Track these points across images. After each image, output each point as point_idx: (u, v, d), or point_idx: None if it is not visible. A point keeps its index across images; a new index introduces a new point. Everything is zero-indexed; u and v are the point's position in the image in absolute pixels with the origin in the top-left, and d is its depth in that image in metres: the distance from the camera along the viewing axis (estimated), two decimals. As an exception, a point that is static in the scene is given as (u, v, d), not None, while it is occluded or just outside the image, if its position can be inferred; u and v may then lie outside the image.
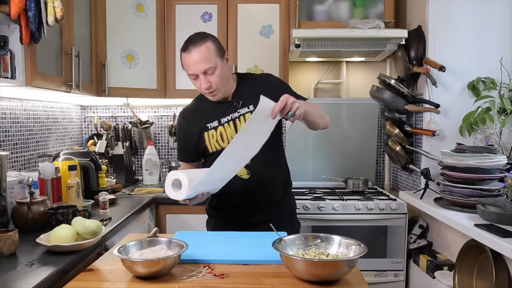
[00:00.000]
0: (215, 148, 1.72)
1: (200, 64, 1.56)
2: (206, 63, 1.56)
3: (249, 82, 1.75)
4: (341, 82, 3.12)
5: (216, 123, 1.71)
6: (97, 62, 2.45)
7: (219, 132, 1.71)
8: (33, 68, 1.73)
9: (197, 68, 1.57)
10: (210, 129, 1.72)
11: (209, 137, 1.72)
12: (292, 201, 1.91)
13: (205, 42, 1.57)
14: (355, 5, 2.74)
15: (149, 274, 1.14)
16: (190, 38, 1.61)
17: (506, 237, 1.53)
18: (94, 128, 3.05)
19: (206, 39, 1.59)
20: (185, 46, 1.59)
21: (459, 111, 2.31)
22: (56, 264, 1.28)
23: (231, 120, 1.70)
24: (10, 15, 1.55)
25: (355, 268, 1.19)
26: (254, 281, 1.17)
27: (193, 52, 1.56)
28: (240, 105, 1.70)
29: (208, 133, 1.72)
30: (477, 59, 2.33)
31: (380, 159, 3.11)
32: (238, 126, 1.69)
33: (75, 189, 1.84)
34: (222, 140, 1.71)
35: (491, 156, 1.93)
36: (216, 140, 1.71)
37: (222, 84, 1.63)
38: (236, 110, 1.70)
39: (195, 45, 1.56)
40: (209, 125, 1.72)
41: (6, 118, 2.11)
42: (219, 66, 1.59)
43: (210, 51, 1.57)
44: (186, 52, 1.58)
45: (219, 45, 1.63)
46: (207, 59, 1.56)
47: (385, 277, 2.49)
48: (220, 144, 1.71)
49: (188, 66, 1.59)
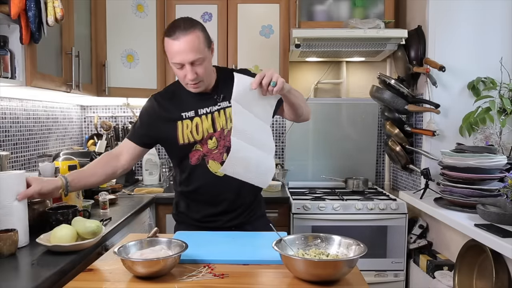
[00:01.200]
0: (187, 140, 1.61)
1: (189, 54, 1.46)
2: (195, 53, 1.47)
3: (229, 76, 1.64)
4: (341, 82, 3.12)
5: (193, 113, 1.61)
6: (97, 62, 2.45)
7: (194, 123, 1.61)
8: (33, 68, 1.73)
9: (185, 57, 1.47)
10: (185, 118, 1.61)
11: (182, 127, 1.61)
12: (262, 203, 1.81)
13: (195, 30, 1.47)
14: (355, 5, 2.74)
15: (149, 274, 1.14)
16: (177, 23, 1.49)
17: (506, 237, 1.53)
18: (94, 128, 3.05)
19: (196, 26, 1.49)
20: (172, 32, 1.47)
21: (459, 111, 2.31)
22: (56, 264, 1.28)
23: (209, 113, 1.61)
24: (10, 15, 1.55)
25: (355, 268, 1.19)
26: (254, 281, 1.17)
27: (181, 39, 1.45)
28: (221, 99, 1.62)
29: (182, 123, 1.61)
30: (477, 59, 2.34)
31: (380, 159, 3.11)
32: (216, 120, 1.61)
33: (75, 189, 1.84)
34: (196, 132, 1.61)
35: (491, 156, 1.93)
36: (190, 131, 1.61)
37: (207, 76, 1.56)
38: (216, 103, 1.62)
39: (184, 32, 1.45)
40: (184, 114, 1.62)
41: (6, 118, 2.11)
42: (206, 57, 1.52)
43: (199, 40, 1.48)
44: (172, 38, 1.46)
45: (207, 34, 1.54)
46: (196, 49, 1.47)
47: (385, 277, 2.49)
48: (194, 136, 1.61)
49: (174, 53, 1.47)
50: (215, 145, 1.61)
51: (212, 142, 1.61)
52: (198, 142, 1.61)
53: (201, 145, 1.62)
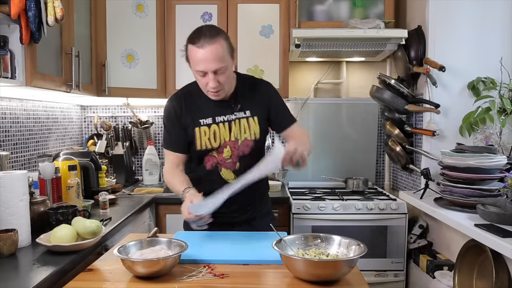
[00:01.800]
0: (205, 146, 1.65)
1: (213, 62, 1.47)
2: (219, 62, 1.48)
3: (249, 86, 1.70)
4: (341, 82, 3.12)
5: (210, 120, 1.64)
6: (97, 62, 2.45)
7: (212, 130, 1.64)
8: (33, 68, 1.73)
9: (209, 66, 1.48)
10: (203, 125, 1.64)
11: (200, 134, 1.64)
12: (269, 200, 1.88)
13: (219, 39, 1.48)
14: (355, 5, 2.74)
15: (149, 274, 1.14)
16: (202, 30, 1.49)
17: (506, 237, 1.53)
18: (94, 128, 3.05)
19: (220, 35, 1.50)
20: (197, 39, 1.47)
21: (459, 111, 2.31)
22: (56, 264, 1.28)
23: (226, 121, 1.64)
24: (10, 15, 1.55)
25: (355, 268, 1.19)
26: (254, 281, 1.17)
27: (206, 48, 1.46)
28: (238, 108, 1.65)
29: (200, 129, 1.64)
30: (477, 59, 2.34)
31: (380, 159, 3.11)
32: (233, 129, 1.64)
33: (75, 189, 1.84)
34: (214, 140, 1.64)
35: (491, 156, 1.93)
36: (208, 138, 1.64)
37: (228, 85, 1.58)
38: (233, 112, 1.65)
39: (209, 41, 1.46)
40: (202, 121, 1.64)
41: (6, 118, 2.11)
42: (229, 65, 1.53)
43: (223, 49, 1.49)
44: (197, 45, 1.47)
45: (230, 42, 1.55)
46: (220, 58, 1.48)
47: (385, 277, 2.49)
48: (212, 143, 1.64)
49: (198, 61, 1.49)
50: (229, 155, 1.66)
51: (226, 151, 1.65)
52: (214, 149, 1.65)
53: (217, 153, 1.66)
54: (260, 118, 1.67)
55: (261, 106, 1.68)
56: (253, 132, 1.66)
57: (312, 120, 3.04)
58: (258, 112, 1.67)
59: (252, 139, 1.66)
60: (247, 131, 1.66)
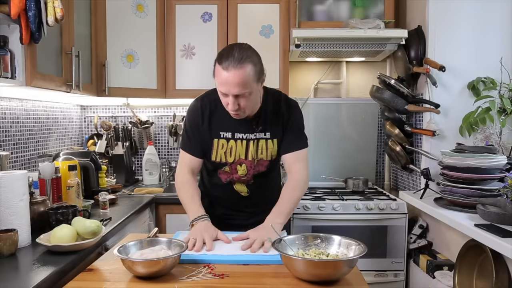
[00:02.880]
0: (219, 159, 1.65)
1: (236, 87, 1.43)
2: (242, 88, 1.44)
3: (273, 107, 1.65)
4: (341, 82, 3.12)
5: (230, 135, 1.63)
6: (97, 62, 2.45)
7: (230, 145, 1.63)
8: (33, 68, 1.73)
9: (231, 89, 1.44)
10: (222, 138, 1.63)
11: (218, 146, 1.64)
12: None
13: (247, 64, 1.43)
14: (355, 5, 2.74)
15: (149, 274, 1.14)
16: (232, 52, 1.44)
17: (506, 237, 1.53)
18: (94, 128, 3.05)
19: (250, 60, 1.44)
20: (225, 59, 1.43)
21: (459, 111, 2.31)
22: (56, 264, 1.28)
23: (245, 140, 1.63)
24: (10, 15, 1.55)
25: (355, 268, 1.19)
26: (254, 281, 1.17)
27: (231, 72, 1.42)
28: (259, 129, 1.63)
29: (219, 142, 1.63)
30: (477, 59, 2.33)
31: (380, 159, 3.11)
32: (250, 148, 1.63)
33: (75, 189, 1.84)
34: (230, 155, 1.64)
35: (491, 156, 1.93)
36: (224, 151, 1.63)
37: (250, 109, 1.55)
38: (253, 132, 1.63)
39: (236, 66, 1.41)
40: (222, 133, 1.63)
41: (6, 118, 2.11)
42: (254, 91, 1.49)
43: (249, 76, 1.44)
44: (223, 67, 1.43)
45: (259, 67, 1.49)
46: (244, 84, 1.44)
47: (385, 277, 2.49)
48: (227, 158, 1.64)
49: (221, 83, 1.46)
50: (244, 173, 1.66)
51: (241, 169, 1.66)
52: (228, 164, 1.65)
53: (230, 168, 1.66)
54: (279, 140, 1.66)
55: (280, 127, 1.66)
56: (270, 154, 1.66)
57: (312, 120, 3.04)
58: (277, 135, 1.65)
59: (269, 159, 1.67)
60: (264, 152, 1.65)
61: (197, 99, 1.70)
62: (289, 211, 1.58)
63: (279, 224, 1.48)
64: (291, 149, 1.65)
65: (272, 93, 1.68)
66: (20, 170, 1.55)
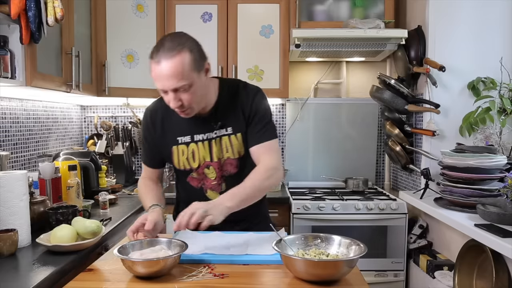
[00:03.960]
0: (183, 166, 1.52)
1: (171, 80, 1.28)
2: (177, 80, 1.29)
3: (230, 98, 1.49)
4: (341, 82, 3.12)
5: (189, 138, 1.49)
6: (97, 62, 2.45)
7: (191, 150, 1.49)
8: (33, 68, 1.73)
9: (166, 84, 1.30)
10: (181, 143, 1.50)
11: (178, 153, 1.51)
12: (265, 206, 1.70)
13: (180, 53, 1.28)
14: (355, 5, 2.74)
15: (149, 274, 1.14)
16: (163, 43, 1.30)
17: (506, 237, 1.53)
18: (94, 128, 3.05)
19: (182, 47, 1.29)
20: (155, 52, 1.30)
21: (459, 111, 2.31)
22: (56, 264, 1.28)
23: (206, 140, 1.48)
24: (10, 15, 1.55)
25: (355, 268, 1.19)
26: (254, 281, 1.16)
27: (163, 63, 1.27)
28: (219, 126, 1.48)
29: (178, 148, 1.50)
30: (477, 59, 2.34)
31: (380, 159, 3.11)
32: (213, 148, 1.48)
33: (75, 189, 1.84)
34: (193, 160, 1.50)
35: (491, 156, 1.93)
36: (186, 157, 1.50)
37: (197, 102, 1.38)
38: (213, 130, 1.48)
39: (167, 55, 1.27)
40: (180, 139, 1.50)
41: (6, 118, 2.11)
42: (194, 82, 1.32)
43: (184, 65, 1.28)
44: (154, 60, 1.29)
45: (198, 54, 1.33)
46: (180, 75, 1.28)
47: (385, 277, 2.49)
48: (191, 164, 1.51)
49: (156, 78, 1.31)
50: (214, 176, 1.52)
51: (210, 172, 1.52)
52: (194, 170, 1.52)
53: (197, 173, 1.53)
54: (244, 133, 1.49)
55: (242, 119, 1.48)
56: (237, 151, 1.49)
57: (312, 120, 3.04)
58: (240, 127, 1.48)
59: (236, 157, 1.50)
60: (230, 150, 1.49)
61: (146, 109, 1.57)
62: (246, 197, 1.36)
63: (227, 208, 1.28)
64: (258, 141, 1.47)
65: (228, 84, 1.52)
66: (20, 170, 1.55)
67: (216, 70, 2.72)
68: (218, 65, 2.73)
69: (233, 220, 1.52)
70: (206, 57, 1.38)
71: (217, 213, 1.26)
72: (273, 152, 1.47)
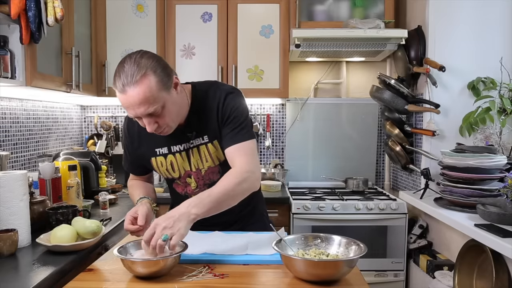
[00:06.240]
0: (165, 175, 1.52)
1: (141, 107, 1.23)
2: (148, 105, 1.23)
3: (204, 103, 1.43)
4: (341, 82, 3.12)
5: (166, 150, 1.46)
6: (97, 62, 2.45)
7: (169, 161, 1.47)
8: (33, 68, 1.73)
9: (138, 111, 1.24)
10: (159, 155, 1.48)
11: (157, 164, 1.49)
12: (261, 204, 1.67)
13: (144, 77, 1.20)
14: (355, 5, 2.74)
15: (149, 274, 1.14)
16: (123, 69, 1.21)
17: (506, 237, 1.53)
18: (94, 128, 3.05)
19: (145, 71, 1.21)
20: (118, 81, 1.22)
21: (459, 111, 2.31)
22: (56, 264, 1.28)
23: (183, 151, 1.45)
24: (10, 15, 1.55)
25: (355, 268, 1.19)
26: (254, 281, 1.16)
27: (128, 92, 1.20)
28: (194, 135, 1.43)
29: (156, 160, 1.49)
30: (477, 59, 2.34)
31: (380, 159, 3.11)
32: (191, 158, 1.46)
33: (75, 189, 1.84)
34: (173, 170, 1.49)
35: (491, 156, 1.93)
36: (166, 169, 1.49)
37: (172, 120, 1.33)
38: (189, 140, 1.44)
39: (131, 83, 1.20)
40: (157, 150, 1.47)
41: (6, 118, 2.11)
42: (166, 101, 1.27)
43: (151, 89, 1.21)
44: (118, 90, 1.23)
45: (162, 72, 1.25)
46: (150, 100, 1.22)
47: (385, 277, 2.49)
48: (171, 174, 1.49)
49: (126, 107, 1.26)
50: (195, 185, 1.50)
51: (192, 181, 1.50)
52: (176, 179, 1.52)
53: (180, 182, 1.52)
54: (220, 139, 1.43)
55: (215, 124, 1.42)
56: (216, 158, 1.45)
57: (312, 120, 3.04)
58: (216, 134, 1.42)
59: (216, 164, 1.46)
60: (209, 160, 1.45)
61: (125, 117, 1.54)
62: (217, 204, 1.26)
63: (194, 215, 1.20)
64: (232, 142, 1.39)
65: (200, 88, 1.45)
66: (20, 170, 1.55)
67: (216, 70, 2.72)
68: (218, 65, 2.73)
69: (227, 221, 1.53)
70: (172, 71, 1.31)
71: (183, 225, 1.17)
72: (247, 154, 1.38)
